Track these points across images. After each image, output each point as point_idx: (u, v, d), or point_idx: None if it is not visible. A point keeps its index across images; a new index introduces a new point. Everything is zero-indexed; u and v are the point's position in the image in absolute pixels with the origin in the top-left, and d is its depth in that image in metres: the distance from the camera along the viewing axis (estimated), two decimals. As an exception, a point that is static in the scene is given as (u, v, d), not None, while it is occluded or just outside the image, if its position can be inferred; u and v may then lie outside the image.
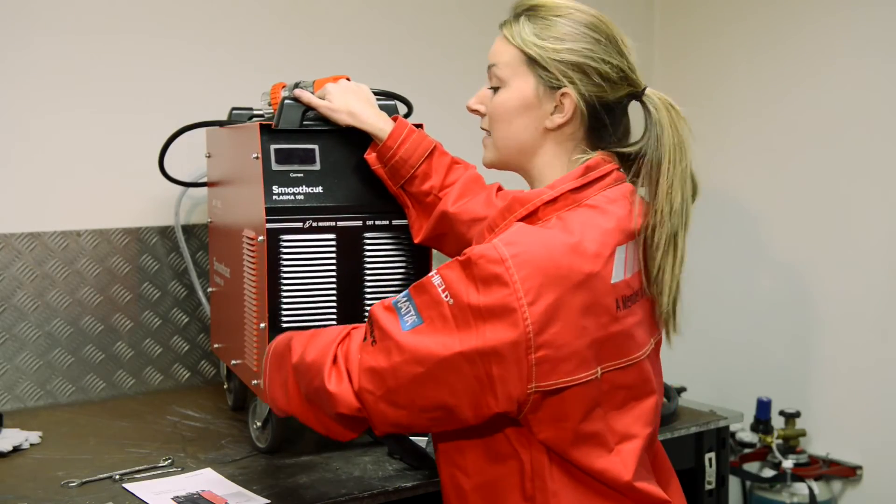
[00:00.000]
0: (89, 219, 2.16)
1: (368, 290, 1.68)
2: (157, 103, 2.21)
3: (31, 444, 1.80)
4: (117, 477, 1.62)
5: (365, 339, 1.28)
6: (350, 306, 1.66)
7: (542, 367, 1.20)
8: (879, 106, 2.49)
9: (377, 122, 1.63)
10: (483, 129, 1.43)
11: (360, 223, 1.67)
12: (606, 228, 1.26)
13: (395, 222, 1.70)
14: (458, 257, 1.23)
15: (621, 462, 1.28)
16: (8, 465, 1.70)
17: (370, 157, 1.65)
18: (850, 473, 2.56)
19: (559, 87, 1.33)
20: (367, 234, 1.68)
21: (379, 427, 1.29)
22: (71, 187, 2.14)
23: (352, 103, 1.64)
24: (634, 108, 1.40)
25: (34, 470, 1.67)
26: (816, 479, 2.55)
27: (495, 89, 1.38)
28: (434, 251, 1.75)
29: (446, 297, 1.21)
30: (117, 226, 2.18)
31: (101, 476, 1.62)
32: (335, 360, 1.29)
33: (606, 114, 1.35)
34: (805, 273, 2.67)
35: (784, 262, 2.73)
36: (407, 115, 1.77)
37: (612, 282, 1.25)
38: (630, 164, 1.39)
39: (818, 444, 2.66)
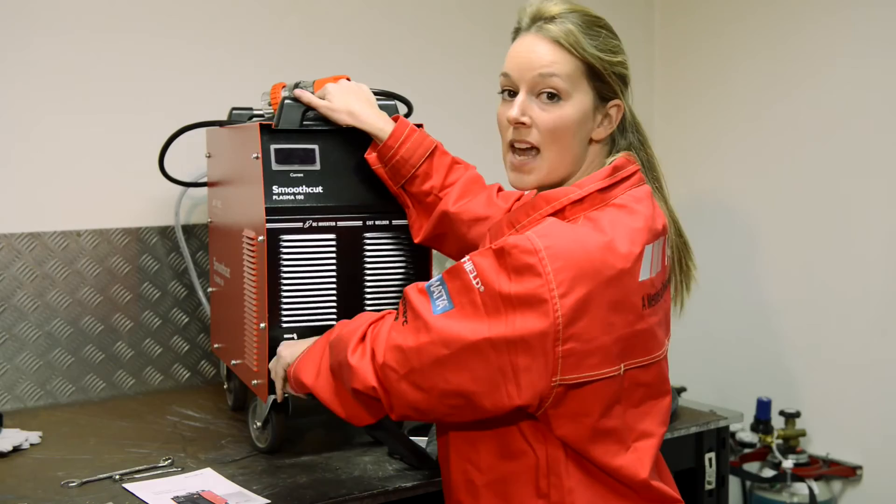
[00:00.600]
0: (89, 219, 2.16)
1: (368, 289, 1.68)
2: (157, 103, 2.21)
3: (31, 444, 1.80)
4: (117, 477, 1.62)
5: (397, 318, 1.30)
6: (350, 306, 1.66)
7: (568, 360, 1.20)
8: (879, 106, 2.49)
9: (377, 122, 1.63)
10: (525, 141, 1.33)
11: (360, 223, 1.67)
12: (635, 228, 1.26)
13: (395, 222, 1.70)
14: (492, 245, 1.23)
15: (638, 460, 1.29)
16: (8, 465, 1.70)
17: (371, 156, 1.65)
18: (850, 473, 2.56)
19: (609, 99, 1.34)
20: (367, 234, 1.68)
21: (396, 409, 1.29)
22: (71, 187, 2.14)
23: (352, 103, 1.64)
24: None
25: (34, 470, 1.67)
26: (816, 479, 2.55)
27: (551, 98, 1.31)
28: (434, 251, 1.75)
29: (477, 283, 1.22)
30: (117, 226, 2.18)
31: (101, 476, 1.62)
32: (363, 338, 1.32)
33: (630, 116, 1.39)
34: (805, 273, 2.67)
35: (784, 263, 2.73)
36: (407, 115, 1.77)
37: (640, 280, 1.26)
38: None
39: (818, 444, 2.66)
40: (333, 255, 1.65)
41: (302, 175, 1.63)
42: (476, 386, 1.22)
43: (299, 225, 1.62)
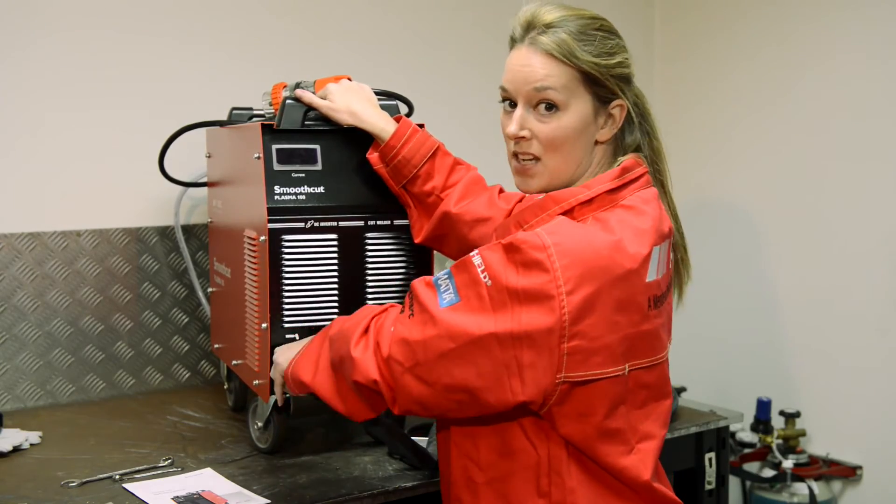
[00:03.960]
0: (89, 219, 2.15)
1: (370, 289, 1.68)
2: (157, 103, 2.21)
3: (31, 444, 1.80)
4: (117, 477, 1.62)
5: (403, 311, 1.30)
6: (352, 306, 1.65)
7: (573, 358, 1.20)
8: (879, 103, 2.49)
9: (379, 122, 1.63)
10: (527, 153, 1.35)
11: (361, 223, 1.67)
12: (643, 229, 1.27)
13: (396, 222, 1.70)
14: (501, 241, 1.24)
15: (641, 461, 1.30)
16: (8, 465, 1.69)
17: (372, 156, 1.65)
18: (850, 473, 2.56)
19: (610, 101, 1.34)
20: (369, 234, 1.68)
21: (400, 403, 1.29)
22: (71, 187, 2.14)
23: (353, 103, 1.64)
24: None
25: (34, 470, 1.67)
26: (816, 479, 2.55)
27: (549, 109, 1.31)
28: (435, 251, 1.75)
29: (485, 277, 1.22)
30: (117, 226, 2.18)
31: (101, 476, 1.62)
32: (366, 330, 1.32)
33: (636, 113, 1.38)
34: (805, 273, 2.67)
35: (784, 262, 2.73)
36: (408, 115, 1.77)
37: (647, 281, 1.26)
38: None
39: (818, 444, 2.66)
40: (335, 254, 1.65)
41: (303, 175, 1.63)
42: (480, 381, 1.22)
43: (301, 225, 1.62)
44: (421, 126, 1.69)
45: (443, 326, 1.22)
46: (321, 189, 1.64)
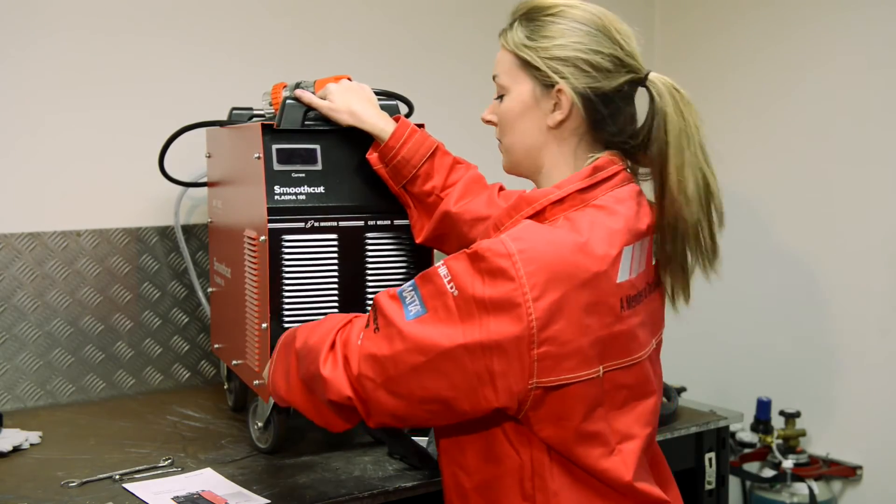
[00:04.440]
0: (89, 219, 2.16)
1: (370, 289, 1.68)
2: (157, 103, 2.21)
3: (31, 444, 1.80)
4: (117, 477, 1.62)
5: (368, 325, 1.28)
6: (352, 306, 1.66)
7: (544, 364, 1.20)
8: (880, 102, 2.50)
9: (379, 122, 1.63)
10: (497, 138, 1.43)
11: (361, 223, 1.67)
12: (614, 229, 1.26)
13: (396, 222, 1.70)
14: (466, 250, 1.23)
15: (622, 462, 1.29)
16: (8, 465, 1.69)
17: (372, 156, 1.65)
18: (850, 473, 2.56)
19: (553, 85, 1.32)
20: (369, 234, 1.68)
21: (374, 417, 1.29)
22: (71, 187, 2.14)
23: (353, 103, 1.64)
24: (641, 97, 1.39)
25: (34, 470, 1.67)
26: (816, 479, 2.55)
27: (500, 98, 1.39)
28: (435, 251, 1.75)
29: (451, 288, 1.21)
30: (117, 226, 2.18)
31: (101, 476, 1.62)
32: (333, 346, 1.30)
33: (605, 104, 1.33)
34: (805, 273, 2.67)
35: (785, 262, 2.73)
36: (408, 115, 1.77)
37: (618, 282, 1.25)
38: (637, 159, 1.39)
39: (818, 444, 2.66)
40: (335, 255, 1.65)
41: (304, 175, 1.63)
42: (453, 391, 1.22)
43: (301, 225, 1.62)
44: (421, 126, 1.69)
45: (411, 340, 1.21)
46: (321, 189, 1.64)
